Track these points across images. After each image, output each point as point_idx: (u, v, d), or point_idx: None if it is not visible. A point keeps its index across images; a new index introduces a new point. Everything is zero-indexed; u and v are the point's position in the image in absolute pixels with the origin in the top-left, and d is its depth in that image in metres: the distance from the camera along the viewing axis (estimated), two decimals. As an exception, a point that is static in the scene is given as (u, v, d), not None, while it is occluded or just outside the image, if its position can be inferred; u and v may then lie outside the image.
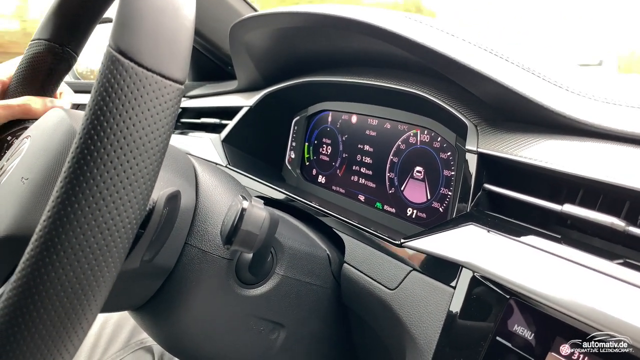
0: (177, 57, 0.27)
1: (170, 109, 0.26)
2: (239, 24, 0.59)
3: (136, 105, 0.25)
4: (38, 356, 0.24)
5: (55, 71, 0.52)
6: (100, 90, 0.25)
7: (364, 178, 0.61)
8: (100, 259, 0.24)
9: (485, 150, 0.39)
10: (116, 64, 0.25)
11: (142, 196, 0.26)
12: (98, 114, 0.24)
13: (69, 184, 0.24)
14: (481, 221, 0.37)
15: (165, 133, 0.26)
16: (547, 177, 0.36)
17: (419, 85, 0.48)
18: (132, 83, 0.25)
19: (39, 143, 0.38)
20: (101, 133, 0.24)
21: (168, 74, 0.26)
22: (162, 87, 0.26)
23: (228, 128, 0.72)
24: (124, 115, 0.24)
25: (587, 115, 0.36)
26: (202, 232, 0.41)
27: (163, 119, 0.26)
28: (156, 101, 0.26)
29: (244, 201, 0.34)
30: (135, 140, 0.25)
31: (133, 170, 0.25)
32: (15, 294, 0.23)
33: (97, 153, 0.24)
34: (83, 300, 0.23)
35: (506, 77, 0.38)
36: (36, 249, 0.23)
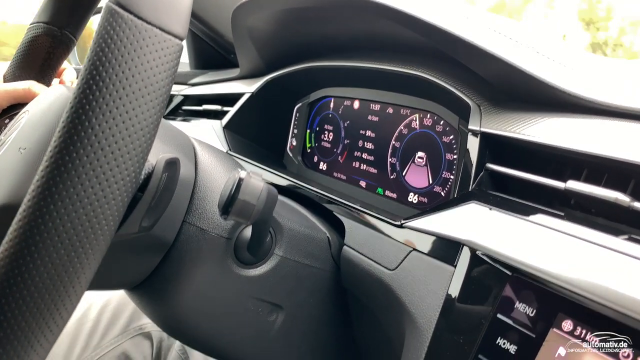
0: (178, 11, 0.27)
1: (170, 62, 0.26)
2: (242, 6, 0.59)
3: (135, 57, 0.25)
4: (33, 319, 0.23)
5: (53, 54, 0.52)
6: (100, 42, 0.24)
7: (366, 164, 0.60)
8: (98, 211, 0.23)
9: (487, 129, 0.39)
10: (115, 16, 0.24)
11: (141, 149, 0.25)
12: (97, 64, 0.24)
13: (67, 133, 0.23)
14: (483, 199, 0.36)
15: (164, 87, 0.26)
16: (550, 155, 0.35)
17: (421, 67, 0.48)
18: (132, 35, 0.24)
19: (37, 115, 0.37)
20: (100, 83, 0.24)
21: (167, 28, 0.26)
22: (162, 40, 0.26)
23: (229, 114, 0.72)
24: (122, 66, 0.24)
25: (592, 93, 0.35)
26: (201, 210, 0.41)
27: (162, 72, 0.26)
28: (155, 54, 0.25)
29: (242, 171, 0.34)
30: (134, 92, 0.25)
31: (132, 122, 0.25)
32: (14, 241, 0.23)
33: (96, 102, 0.23)
34: (80, 254, 0.23)
35: (510, 55, 0.38)
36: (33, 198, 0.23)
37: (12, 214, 0.33)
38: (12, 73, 0.53)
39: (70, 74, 0.59)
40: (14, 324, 0.23)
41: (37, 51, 0.52)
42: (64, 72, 0.58)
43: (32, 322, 0.23)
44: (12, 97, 0.51)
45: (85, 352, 0.63)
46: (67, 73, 0.58)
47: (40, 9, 0.51)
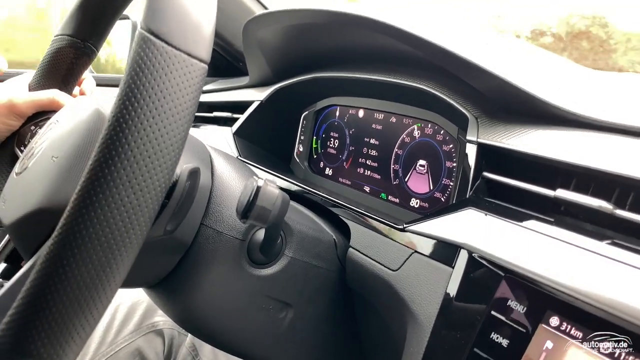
0: (202, 38, 0.30)
1: (196, 85, 0.29)
2: (253, 20, 0.62)
3: (166, 80, 0.27)
4: (74, 312, 0.26)
5: (76, 65, 0.55)
6: (134, 66, 0.27)
7: (370, 170, 0.63)
8: (132, 217, 0.26)
9: (484, 140, 0.41)
10: (148, 44, 0.27)
11: (171, 163, 0.28)
12: (132, 87, 0.27)
13: (106, 149, 0.26)
14: (479, 205, 0.39)
15: (191, 107, 0.29)
16: (543, 165, 0.38)
17: (422, 80, 0.51)
18: (163, 60, 0.27)
19: (67, 125, 0.41)
20: (135, 104, 0.27)
21: (194, 53, 0.29)
22: (189, 64, 0.28)
23: (239, 121, 0.75)
24: (155, 89, 0.27)
25: (580, 108, 0.38)
26: (217, 213, 0.44)
27: (190, 93, 0.29)
28: (184, 77, 0.28)
29: (259, 179, 0.37)
30: (165, 112, 0.27)
31: (163, 138, 0.27)
32: (58, 241, 0.25)
33: (132, 122, 0.26)
34: (117, 255, 0.26)
35: (505, 71, 0.40)
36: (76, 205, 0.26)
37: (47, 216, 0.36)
38: (37, 82, 0.56)
39: (90, 83, 0.62)
40: (58, 316, 0.26)
41: (60, 62, 0.55)
42: (84, 81, 0.62)
43: (73, 315, 0.26)
44: (37, 106, 0.54)
45: (102, 347, 0.66)
46: (87, 82, 0.61)
47: (64, 21, 0.54)
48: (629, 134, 0.35)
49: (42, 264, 0.26)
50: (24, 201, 0.37)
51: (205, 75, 0.30)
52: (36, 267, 0.26)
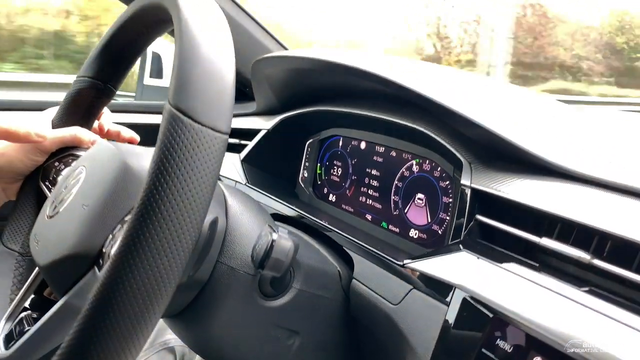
0: (224, 112, 0.33)
1: (219, 156, 0.33)
2: (260, 60, 0.66)
3: (194, 155, 0.31)
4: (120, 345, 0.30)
5: (96, 104, 0.58)
6: (165, 142, 0.31)
7: (371, 199, 0.67)
8: (165, 276, 0.30)
9: (477, 186, 0.45)
10: (177, 121, 0.31)
11: (197, 225, 0.32)
12: (164, 161, 0.31)
13: (142, 217, 0.30)
14: (472, 248, 0.43)
15: (214, 174, 0.33)
16: (530, 212, 0.42)
17: (420, 121, 0.54)
18: (190, 137, 0.31)
19: (94, 175, 0.44)
20: (167, 177, 0.30)
21: (217, 128, 0.32)
22: (213, 138, 0.32)
23: (247, 149, 0.79)
24: (184, 163, 0.31)
25: (564, 160, 0.42)
26: (231, 251, 0.48)
27: (214, 164, 0.32)
28: (209, 150, 0.32)
29: (274, 233, 0.41)
30: (192, 182, 0.31)
31: (192, 206, 0.31)
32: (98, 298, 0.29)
33: (164, 193, 0.30)
34: (154, 302, 0.30)
35: (492, 122, 0.44)
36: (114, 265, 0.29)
37: (77, 263, 0.39)
38: (60, 119, 0.60)
39: (108, 117, 0.66)
40: (106, 348, 0.30)
41: (81, 101, 0.59)
42: (102, 115, 0.66)
43: (119, 348, 0.30)
44: (60, 142, 0.58)
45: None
46: (105, 117, 0.65)
47: (86, 63, 0.58)
48: (608, 188, 0.39)
49: (87, 315, 0.30)
50: (57, 245, 0.41)
51: (226, 144, 0.34)
52: (81, 316, 0.30)
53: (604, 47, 9.74)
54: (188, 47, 0.34)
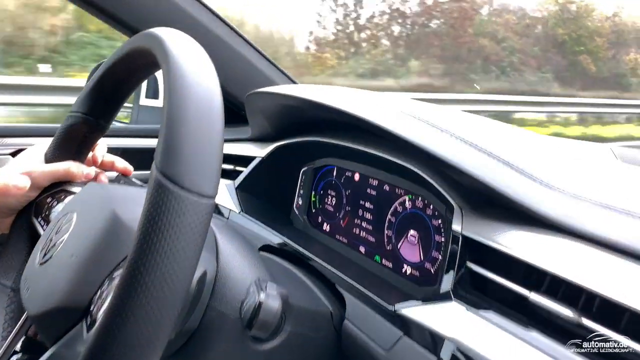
0: (211, 177, 0.33)
1: (205, 220, 0.33)
2: (253, 95, 0.66)
3: (179, 222, 0.31)
4: None
5: (89, 139, 0.59)
6: (151, 209, 0.31)
7: (365, 232, 0.67)
8: (151, 341, 0.30)
9: (468, 233, 0.45)
10: (163, 187, 0.31)
11: (183, 289, 0.32)
12: (149, 229, 0.31)
13: (126, 286, 0.30)
14: (462, 298, 0.43)
15: (200, 240, 0.32)
16: (521, 263, 0.42)
17: (412, 161, 0.55)
18: (177, 204, 0.31)
19: (84, 223, 0.44)
20: (152, 247, 0.30)
21: (204, 192, 0.32)
22: (200, 203, 0.32)
23: (242, 176, 0.79)
24: (169, 231, 0.31)
25: (557, 211, 0.41)
26: (221, 295, 0.48)
27: (200, 230, 0.32)
28: (195, 217, 0.32)
29: (262, 292, 0.40)
30: (178, 250, 0.31)
31: (176, 273, 0.31)
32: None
33: (148, 263, 0.30)
34: None
35: (483, 170, 0.44)
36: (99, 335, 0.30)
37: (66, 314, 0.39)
38: (53, 153, 0.60)
39: (102, 148, 0.65)
40: None
41: (74, 136, 0.59)
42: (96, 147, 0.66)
43: None
44: (53, 177, 0.58)
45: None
46: (99, 148, 0.65)
47: (79, 98, 0.58)
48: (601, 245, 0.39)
49: None
50: (46, 295, 0.41)
51: (213, 207, 0.34)
52: None
53: (545, 39, 8.81)
54: (177, 108, 0.34)
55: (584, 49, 9.19)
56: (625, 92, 9.08)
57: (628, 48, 10.05)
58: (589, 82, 8.64)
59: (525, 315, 0.40)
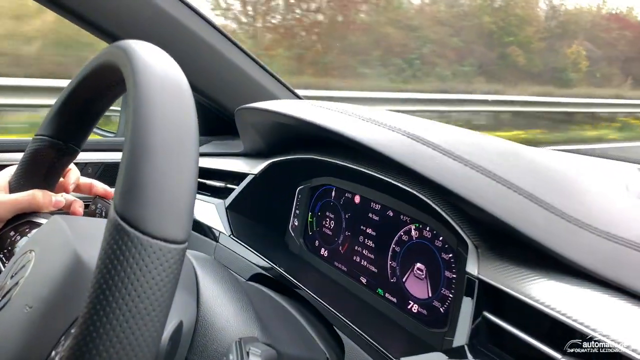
0: (180, 219, 0.27)
1: (175, 271, 0.27)
2: (243, 110, 0.60)
3: (141, 276, 0.25)
4: None
5: (57, 165, 0.53)
6: (106, 262, 0.25)
7: (366, 261, 0.61)
8: None
9: (486, 278, 0.39)
10: (121, 233, 0.25)
11: (149, 349, 0.26)
12: (103, 287, 0.25)
13: (78, 351, 0.24)
14: (479, 356, 0.37)
15: (168, 293, 0.27)
16: (547, 316, 0.36)
17: (421, 188, 0.48)
18: (137, 253, 0.25)
19: (42, 265, 0.38)
20: (106, 306, 0.25)
21: (171, 238, 0.27)
22: (167, 252, 0.26)
23: (233, 195, 0.73)
24: (129, 288, 0.25)
25: (593, 259, 0.35)
26: (202, 347, 0.41)
27: (167, 283, 0.26)
28: (160, 268, 0.26)
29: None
30: (139, 308, 0.25)
31: (136, 336, 0.25)
32: None
33: (103, 324, 0.24)
34: None
35: (503, 207, 0.38)
36: None
37: None
38: (17, 182, 0.54)
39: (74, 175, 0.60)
40: None
41: (41, 162, 0.53)
42: (68, 173, 0.60)
43: None
44: (16, 208, 0.52)
45: None
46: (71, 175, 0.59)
47: (45, 121, 0.52)
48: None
49: None
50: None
51: (184, 254, 0.28)
52: None
53: (471, 28, 7.22)
54: (140, 138, 0.28)
55: (513, 39, 7.80)
56: (564, 87, 7.92)
57: (573, 40, 8.93)
58: (521, 77, 7.42)
59: (556, 382, 0.34)
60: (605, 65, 9.05)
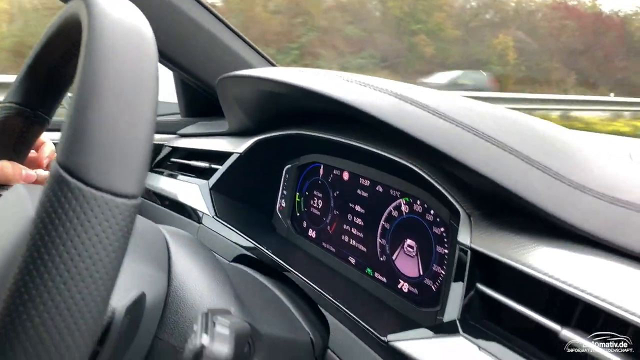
0: (131, 171, 0.24)
1: (123, 230, 0.24)
2: (222, 80, 0.56)
3: (82, 232, 0.22)
4: None
5: (27, 134, 0.49)
6: (42, 215, 0.22)
7: (355, 240, 0.58)
8: None
9: (478, 247, 0.36)
10: (61, 184, 0.23)
11: (90, 331, 0.23)
12: (38, 243, 0.22)
13: (8, 316, 0.21)
14: (471, 333, 0.34)
15: (116, 258, 0.24)
16: (546, 286, 0.33)
17: (411, 157, 0.45)
18: (79, 206, 0.22)
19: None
20: (40, 266, 0.22)
21: (120, 191, 0.24)
22: (113, 206, 0.23)
23: (217, 175, 0.70)
24: (67, 245, 0.22)
25: (594, 222, 0.32)
26: (173, 324, 0.38)
27: (114, 242, 0.23)
28: (106, 224, 0.23)
29: (204, 335, 0.31)
30: (79, 270, 0.22)
31: (75, 300, 0.22)
32: None
33: (37, 288, 0.22)
34: None
35: (497, 168, 0.35)
36: None
37: None
38: None
39: (49, 148, 0.57)
40: None
41: (9, 131, 0.50)
42: (42, 147, 0.56)
43: None
44: None
45: None
46: (45, 148, 0.56)
47: (12, 88, 0.49)
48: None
49: None
50: None
51: (136, 210, 0.25)
52: None
53: (370, 14, 5.73)
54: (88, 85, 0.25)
55: (422, 27, 6.44)
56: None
57: (502, 29, 7.58)
58: (433, 70, 6.01)
59: (555, 356, 0.31)
60: (547, 59, 7.63)
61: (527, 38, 7.76)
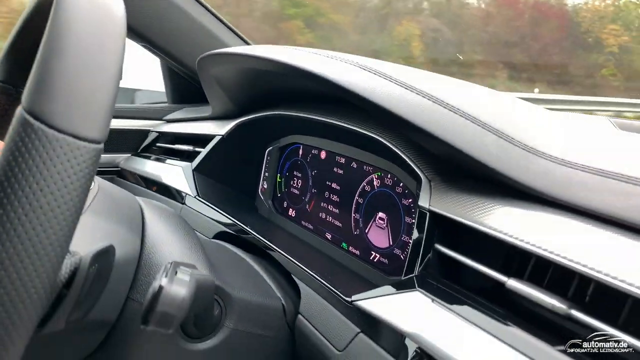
0: (94, 116, 0.26)
1: (84, 170, 0.25)
2: (203, 59, 0.58)
3: (44, 170, 0.24)
4: None
5: (10, 111, 0.51)
6: (7, 154, 0.24)
7: (332, 216, 0.59)
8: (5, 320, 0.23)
9: (436, 209, 0.38)
10: (25, 126, 0.24)
11: (52, 264, 0.25)
12: (2, 179, 0.23)
13: None
14: (428, 287, 0.35)
15: (77, 197, 0.25)
16: (499, 243, 0.34)
17: (379, 130, 0.47)
18: (41, 146, 0.24)
19: None
20: (9, 197, 0.23)
21: (83, 135, 0.25)
22: (75, 149, 0.25)
23: (199, 157, 0.71)
24: (30, 182, 0.24)
25: (542, 180, 0.34)
26: (145, 285, 0.40)
27: (75, 183, 0.25)
28: (67, 164, 0.25)
29: (163, 278, 0.33)
30: (42, 206, 0.24)
31: (37, 231, 0.24)
32: None
33: (0, 217, 0.23)
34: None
35: (452, 132, 0.36)
36: None
37: None
38: None
39: None
40: None
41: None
42: None
43: None
44: None
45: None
46: None
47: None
48: (595, 219, 0.31)
49: None
50: None
51: (99, 156, 0.26)
52: None
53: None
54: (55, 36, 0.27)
55: (299, 11, 5.02)
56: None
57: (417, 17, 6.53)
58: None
59: (503, 307, 0.32)
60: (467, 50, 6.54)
61: (443, 27, 6.63)
